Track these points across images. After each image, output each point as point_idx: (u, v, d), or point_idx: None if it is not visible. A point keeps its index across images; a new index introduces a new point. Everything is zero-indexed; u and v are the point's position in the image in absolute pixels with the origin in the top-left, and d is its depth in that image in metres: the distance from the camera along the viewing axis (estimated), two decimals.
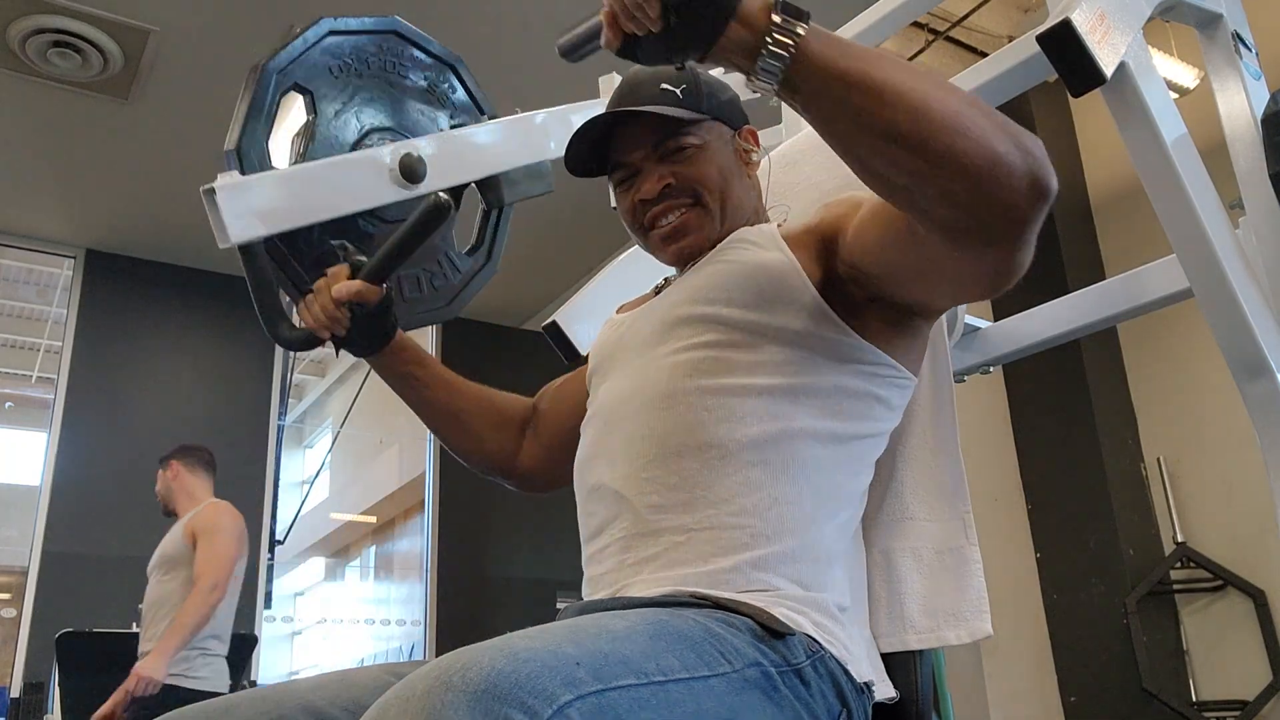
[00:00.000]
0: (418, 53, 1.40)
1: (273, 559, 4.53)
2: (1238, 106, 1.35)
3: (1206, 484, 3.30)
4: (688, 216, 1.09)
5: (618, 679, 0.68)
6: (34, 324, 6.06)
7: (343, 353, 1.24)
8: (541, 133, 1.51)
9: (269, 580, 4.48)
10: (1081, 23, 1.06)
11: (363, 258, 1.17)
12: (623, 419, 1.02)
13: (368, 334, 1.20)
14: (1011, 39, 3.80)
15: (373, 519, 7.65)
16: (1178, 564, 3.27)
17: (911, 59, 3.75)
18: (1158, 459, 3.43)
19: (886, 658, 1.00)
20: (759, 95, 0.82)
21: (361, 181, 1.27)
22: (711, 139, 1.11)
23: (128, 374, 4.45)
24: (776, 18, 0.75)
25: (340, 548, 8.36)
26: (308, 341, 1.20)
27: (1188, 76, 3.31)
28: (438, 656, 0.66)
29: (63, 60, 3.27)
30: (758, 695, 0.79)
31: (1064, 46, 1.06)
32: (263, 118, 1.22)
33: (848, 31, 1.65)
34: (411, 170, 1.29)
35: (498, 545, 5.09)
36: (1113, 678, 3.23)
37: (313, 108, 1.27)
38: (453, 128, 1.42)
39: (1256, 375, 1.19)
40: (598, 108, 1.59)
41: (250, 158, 1.21)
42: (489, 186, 1.44)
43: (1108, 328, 2.44)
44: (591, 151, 1.13)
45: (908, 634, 1.00)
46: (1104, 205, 3.77)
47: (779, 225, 1.09)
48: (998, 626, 1.00)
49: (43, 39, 3.18)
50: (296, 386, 7.36)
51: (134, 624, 3.41)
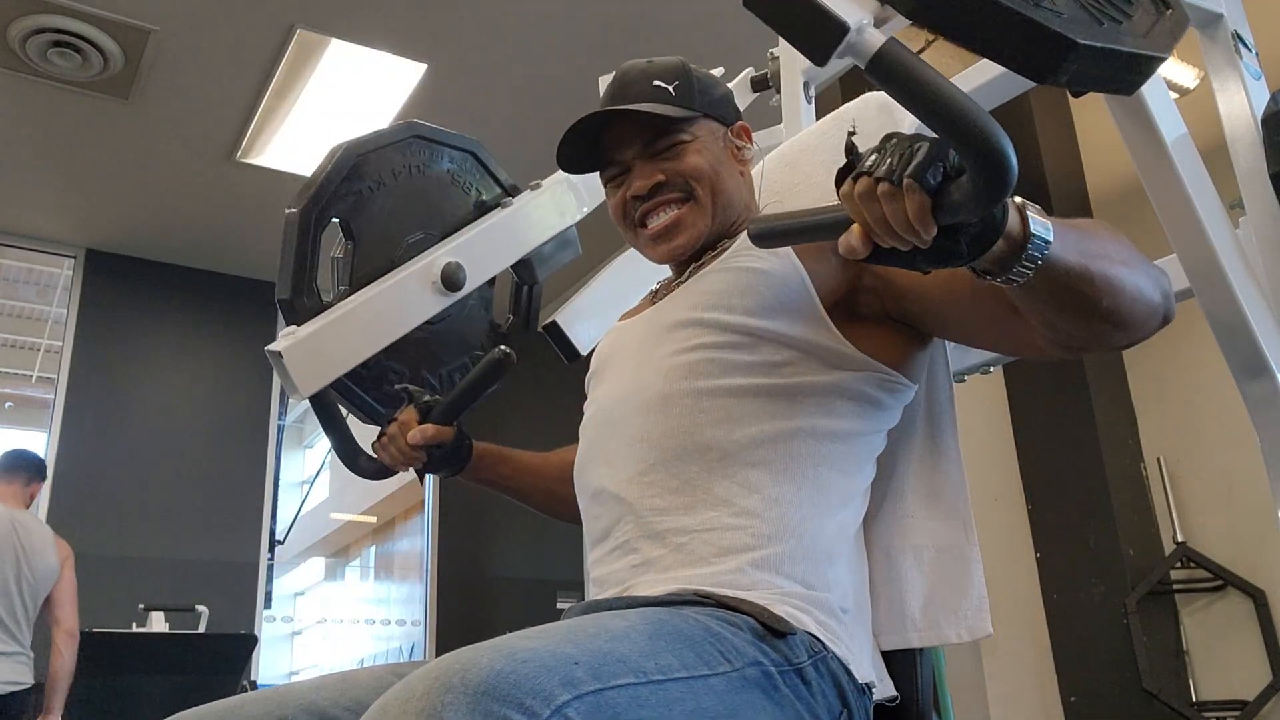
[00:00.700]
0: (438, 148, 1.46)
1: (273, 559, 4.54)
2: (1238, 106, 1.35)
3: (1206, 484, 3.30)
4: (679, 214, 1.09)
5: (616, 678, 0.68)
6: (34, 324, 6.06)
7: None
8: (563, 198, 1.58)
9: (269, 580, 4.48)
10: None
11: (428, 398, 1.24)
12: (620, 422, 1.02)
13: (445, 461, 1.26)
14: None
15: (373, 519, 7.66)
16: (1178, 564, 3.26)
17: None
18: (1158, 459, 3.42)
19: (887, 656, 1.00)
20: (756, 95, 0.82)
21: (409, 302, 1.35)
22: (703, 135, 1.11)
23: (128, 374, 4.45)
24: (1034, 230, 0.73)
25: (340, 548, 8.36)
26: (388, 471, 1.29)
27: (1188, 76, 3.31)
28: (438, 656, 0.66)
29: (63, 60, 3.27)
30: (758, 694, 0.79)
31: None
32: (307, 263, 1.27)
33: None
34: (452, 279, 1.38)
35: (498, 545, 5.09)
36: (1113, 678, 3.23)
37: (350, 233, 1.33)
38: (477, 205, 1.49)
39: (1256, 375, 1.19)
40: None
41: (301, 303, 1.27)
42: (522, 266, 1.53)
43: None
44: (583, 149, 1.13)
45: (909, 632, 1.00)
46: (1104, 205, 3.77)
47: None
48: (998, 626, 1.00)
49: (43, 39, 3.18)
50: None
51: (134, 624, 3.41)
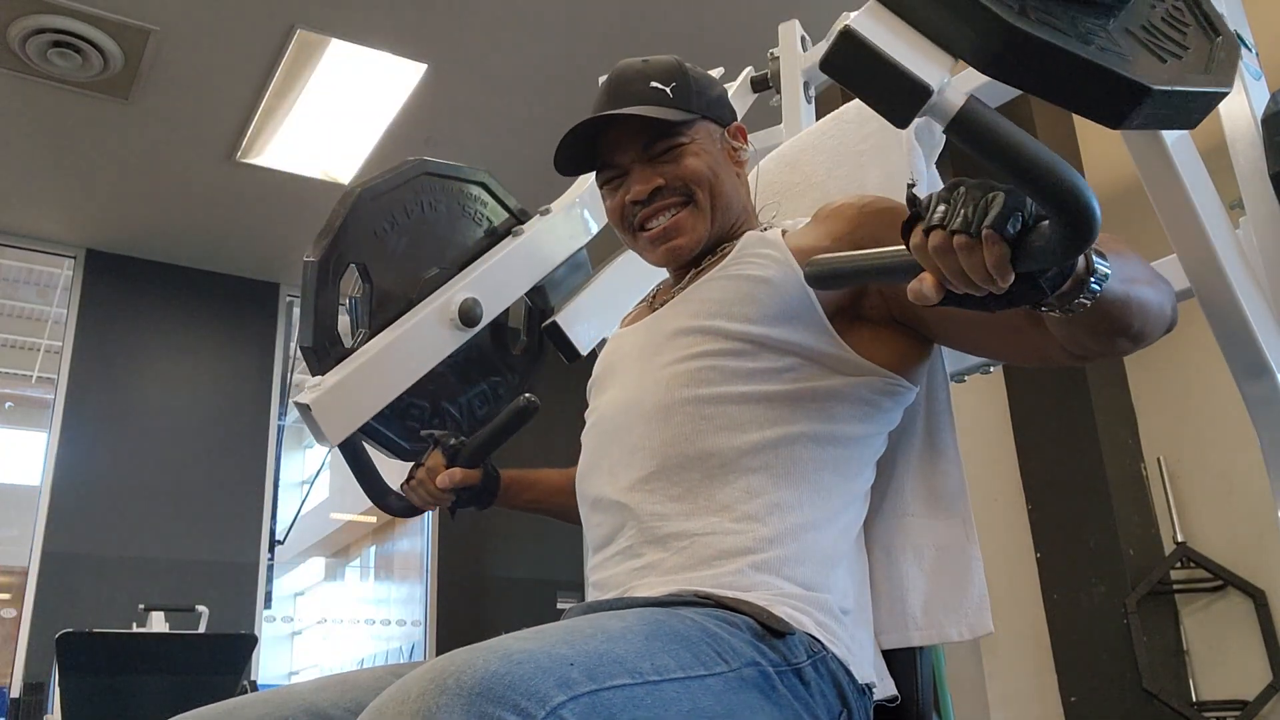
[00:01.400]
0: (449, 182, 1.48)
1: (273, 559, 4.53)
2: (1238, 106, 1.35)
3: (1206, 484, 3.30)
4: (679, 217, 1.08)
5: (612, 679, 0.68)
6: (34, 324, 6.06)
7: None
8: (573, 221, 1.61)
9: (269, 580, 4.48)
10: None
11: (454, 441, 1.28)
12: (621, 430, 1.02)
13: (475, 497, 1.30)
14: None
15: (373, 519, 7.65)
16: (1178, 564, 3.26)
17: None
18: (1158, 459, 3.42)
19: (888, 656, 1.01)
20: (756, 95, 0.81)
21: (428, 342, 1.37)
22: (701, 138, 1.10)
23: (128, 374, 4.44)
24: (1097, 263, 0.73)
25: (340, 548, 8.36)
26: (418, 509, 1.33)
27: None
28: (437, 656, 0.66)
29: (63, 60, 3.27)
30: (755, 694, 0.79)
31: None
32: (327, 310, 1.30)
33: None
34: (470, 315, 1.40)
35: (498, 545, 5.08)
36: (1113, 678, 3.23)
37: (367, 276, 1.35)
38: (488, 233, 1.51)
39: (1256, 375, 1.19)
40: None
41: (324, 350, 1.29)
42: (536, 293, 1.56)
43: None
44: (580, 150, 1.12)
45: (910, 631, 1.00)
46: (1104, 205, 3.74)
47: (783, 232, 1.08)
48: (998, 626, 1.00)
49: (43, 39, 3.18)
50: (296, 387, 7.35)
51: (134, 624, 3.41)
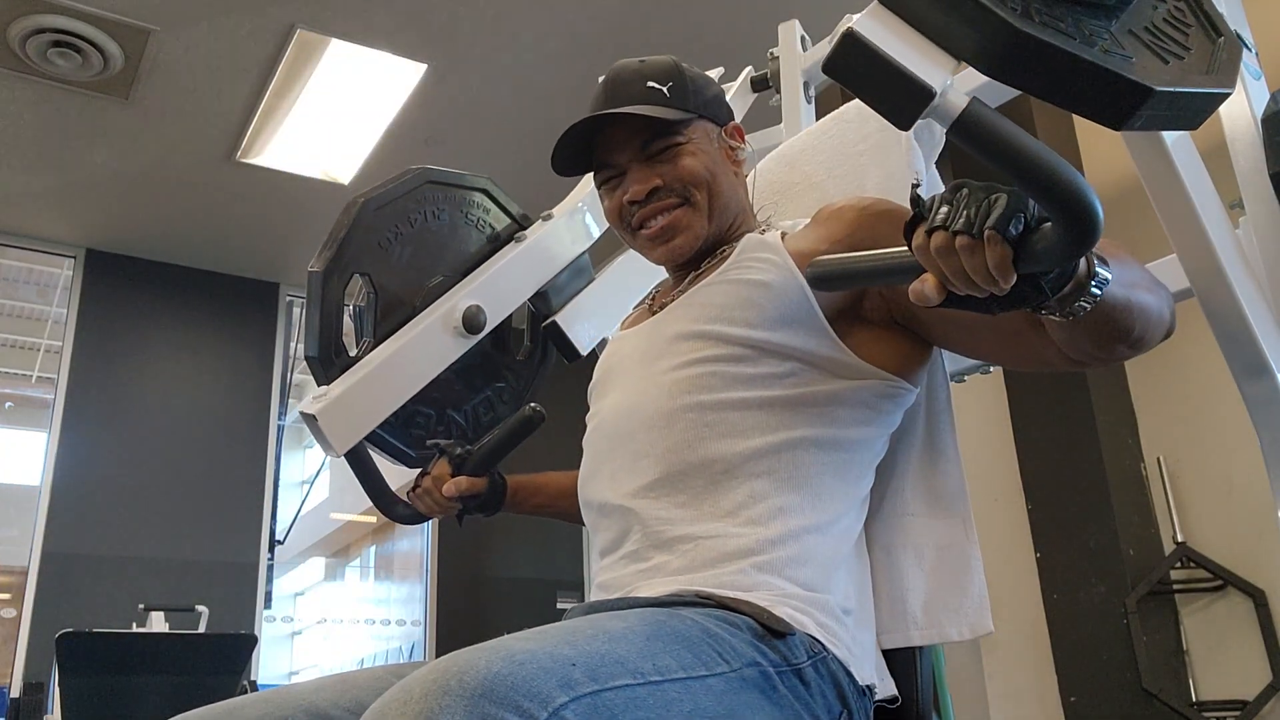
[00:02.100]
0: (451, 190, 1.49)
1: (273, 559, 4.53)
2: (1238, 106, 1.35)
3: (1206, 484, 3.30)
4: (676, 215, 1.08)
5: (614, 679, 0.68)
6: (34, 324, 6.05)
7: None
8: (575, 226, 1.60)
9: (269, 580, 4.48)
10: None
11: (459, 451, 1.28)
12: (624, 437, 1.02)
13: (482, 507, 1.31)
14: None
15: (373, 519, 7.65)
16: (1178, 564, 3.26)
17: None
18: (1158, 459, 3.42)
19: (888, 655, 1.01)
20: (756, 95, 0.81)
21: (433, 350, 1.38)
22: (698, 137, 1.10)
23: (128, 374, 4.44)
24: (1098, 268, 0.73)
25: (340, 548, 8.36)
26: (425, 517, 1.35)
27: None
28: (438, 656, 0.66)
29: (63, 60, 3.26)
30: (755, 695, 0.79)
31: None
32: (332, 319, 1.30)
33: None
34: (473, 322, 1.41)
35: (498, 545, 5.08)
36: (1113, 678, 3.23)
37: (371, 285, 1.36)
38: (491, 239, 1.52)
39: (1256, 375, 1.19)
40: None
41: (329, 359, 1.30)
42: (539, 299, 1.55)
43: None
44: (577, 150, 1.12)
45: (910, 630, 1.01)
46: (1104, 205, 3.76)
47: (783, 234, 1.08)
48: (998, 626, 1.00)
49: (43, 39, 3.18)
50: (296, 386, 7.36)
51: (134, 624, 3.41)
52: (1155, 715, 3.13)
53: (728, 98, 1.23)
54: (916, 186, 0.74)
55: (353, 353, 1.33)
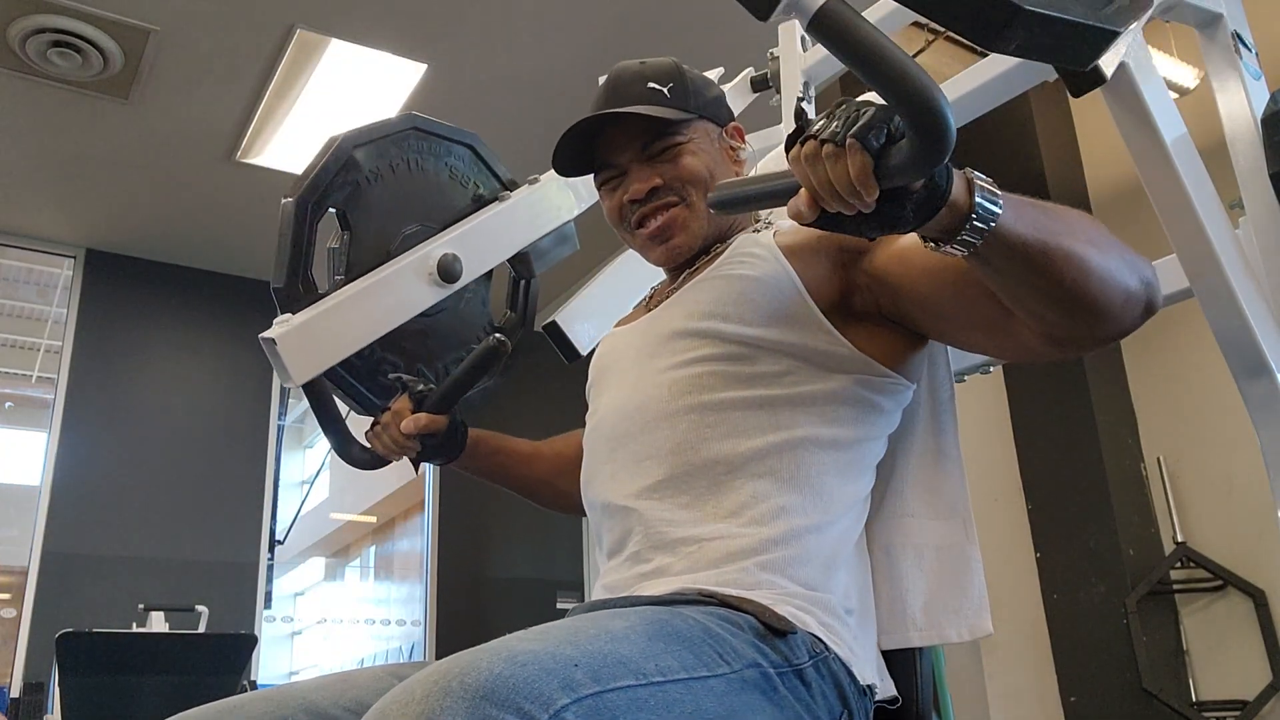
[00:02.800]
0: (437, 141, 1.45)
1: (273, 559, 4.53)
2: (1238, 106, 1.35)
3: (1206, 484, 3.30)
4: (676, 215, 1.09)
5: (616, 680, 0.68)
6: (34, 324, 6.05)
7: None
8: (561, 194, 1.57)
9: (269, 580, 4.48)
10: None
11: (422, 387, 1.24)
12: (626, 437, 1.02)
13: (440, 450, 1.26)
14: None
15: (373, 519, 7.65)
16: (1178, 564, 3.27)
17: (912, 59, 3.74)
18: (1158, 459, 3.42)
19: (887, 656, 1.01)
20: (756, 95, 0.82)
21: (404, 293, 1.34)
22: (699, 137, 1.11)
23: (128, 374, 4.44)
24: (979, 199, 0.74)
25: (340, 548, 8.36)
26: (381, 461, 1.29)
27: (1188, 76, 3.30)
28: (438, 656, 0.67)
29: (63, 60, 3.26)
30: (756, 695, 0.79)
31: None
32: (303, 251, 1.27)
33: None
34: (449, 270, 1.37)
35: (498, 545, 5.08)
36: (1113, 678, 3.23)
37: (346, 224, 1.33)
38: (475, 199, 1.48)
39: (1256, 375, 1.19)
40: None
41: (296, 292, 1.25)
42: (519, 260, 1.52)
43: None
44: (578, 151, 1.13)
45: (909, 631, 1.00)
46: (1104, 205, 3.77)
47: (775, 232, 1.09)
48: (998, 626, 1.00)
49: (43, 39, 3.18)
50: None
51: (134, 624, 3.41)
52: (1155, 715, 3.13)
53: (728, 98, 1.23)
54: (802, 100, 0.76)
55: (322, 292, 1.29)
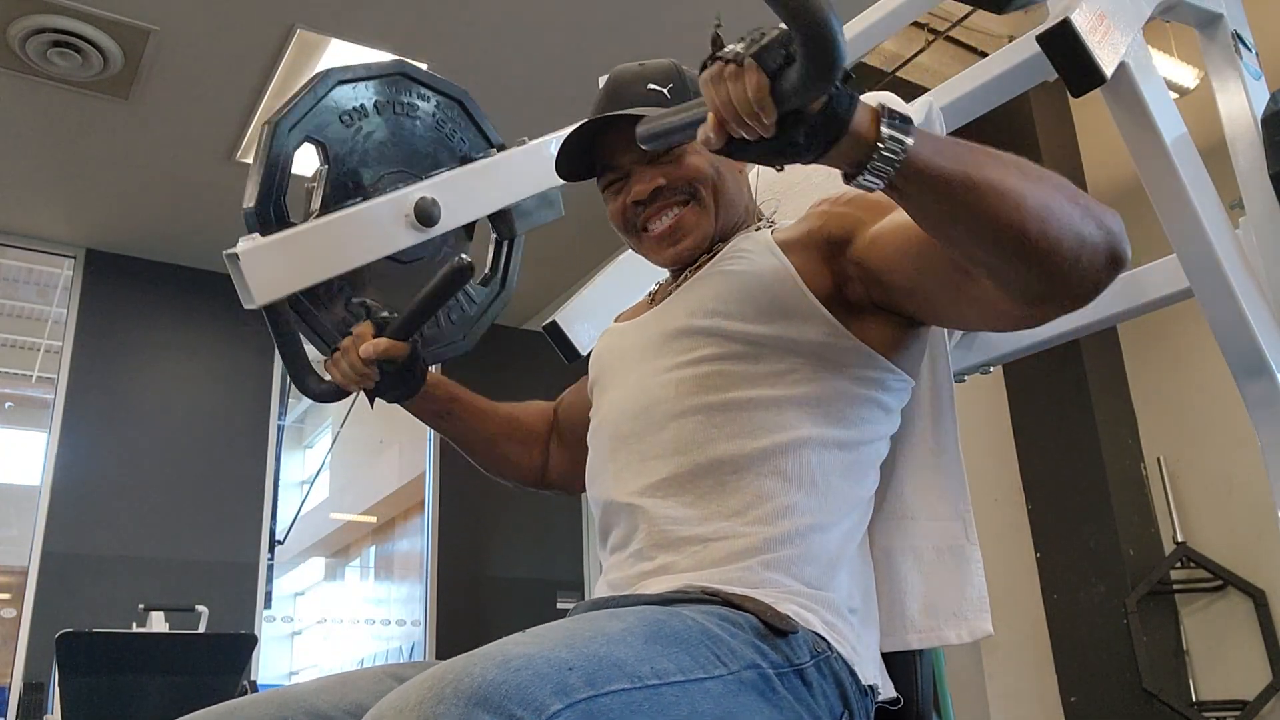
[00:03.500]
0: (425, 91, 1.43)
1: (273, 559, 4.53)
2: (1238, 106, 1.35)
3: (1206, 484, 3.30)
4: (683, 215, 1.09)
5: (611, 683, 0.68)
6: (34, 324, 6.05)
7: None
8: (549, 160, 1.52)
9: (269, 580, 4.48)
10: (1081, 23, 1.06)
11: (386, 314, 1.21)
12: (632, 436, 1.02)
13: (397, 384, 1.23)
14: (1011, 39, 3.79)
15: (373, 519, 7.65)
16: (1178, 564, 3.27)
17: (911, 59, 3.75)
18: (1158, 459, 3.43)
19: (887, 657, 1.00)
20: None
21: (378, 231, 1.31)
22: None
23: (128, 374, 4.44)
24: (886, 129, 0.73)
25: (340, 548, 8.36)
26: (337, 393, 1.25)
27: (1188, 76, 3.31)
28: (438, 656, 0.67)
29: (63, 60, 3.26)
30: (754, 697, 0.79)
31: (1064, 46, 1.06)
32: (277, 175, 1.24)
33: (848, 31, 1.65)
34: (426, 214, 1.33)
35: (498, 545, 5.08)
36: (1113, 678, 3.23)
37: (325, 158, 1.30)
38: (461, 158, 1.45)
39: (1256, 375, 1.19)
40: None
41: (268, 216, 1.23)
42: (501, 218, 1.48)
43: (1108, 328, 2.44)
44: (580, 156, 1.13)
45: (908, 633, 1.00)
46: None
47: (772, 230, 1.09)
48: (998, 626, 1.00)
49: (43, 39, 3.18)
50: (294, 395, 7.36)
51: (134, 624, 3.41)
52: (1155, 715, 3.13)
53: None
54: (718, 27, 0.77)
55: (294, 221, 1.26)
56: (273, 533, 4.53)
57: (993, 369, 1.67)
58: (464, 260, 1.14)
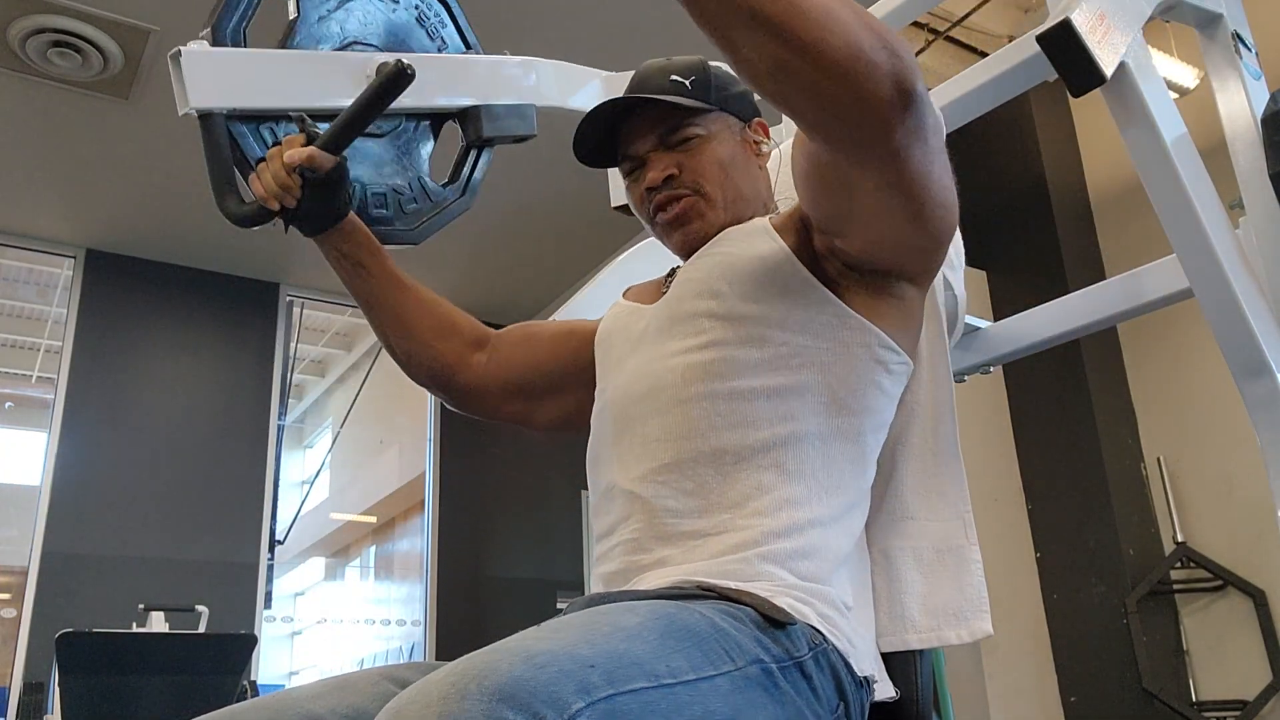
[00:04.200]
0: None
1: (273, 559, 4.53)
2: (1238, 106, 1.35)
3: (1206, 484, 3.30)
4: (691, 203, 1.10)
5: (629, 682, 0.68)
6: (34, 324, 6.06)
7: (342, 353, 1.23)
8: (530, 77, 1.48)
9: (269, 580, 4.48)
10: (1081, 23, 1.06)
11: (319, 129, 1.15)
12: (635, 420, 1.02)
13: (318, 210, 1.17)
14: (1011, 39, 3.79)
15: (373, 519, 7.66)
16: (1178, 564, 3.27)
17: None
18: (1158, 459, 3.43)
19: (886, 657, 1.01)
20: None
21: (335, 80, 1.25)
22: (718, 129, 1.12)
23: (128, 374, 4.44)
24: None
25: (340, 548, 8.37)
26: (257, 216, 1.18)
27: (1188, 76, 3.30)
28: (438, 656, 0.66)
29: (63, 60, 3.27)
30: (759, 693, 0.79)
31: (1064, 46, 1.06)
32: (243, 3, 1.20)
33: None
34: (390, 75, 1.26)
35: (498, 545, 5.09)
36: (1113, 678, 3.23)
37: (298, 7, 1.26)
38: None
39: (1256, 375, 1.19)
40: (594, 79, 1.59)
41: (224, 40, 1.19)
42: (469, 120, 1.41)
43: (1108, 328, 2.44)
44: (600, 143, 1.15)
45: (908, 633, 1.00)
46: (1104, 205, 3.77)
47: (770, 216, 1.10)
48: (998, 626, 1.00)
49: (43, 39, 3.18)
50: (296, 386, 7.36)
51: (134, 624, 3.41)
52: (1155, 715, 3.13)
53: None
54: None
55: None
56: (273, 533, 4.53)
57: (993, 369, 1.68)
58: (401, 63, 1.08)
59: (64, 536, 4.07)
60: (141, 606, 3.40)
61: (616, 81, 1.58)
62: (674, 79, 1.11)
